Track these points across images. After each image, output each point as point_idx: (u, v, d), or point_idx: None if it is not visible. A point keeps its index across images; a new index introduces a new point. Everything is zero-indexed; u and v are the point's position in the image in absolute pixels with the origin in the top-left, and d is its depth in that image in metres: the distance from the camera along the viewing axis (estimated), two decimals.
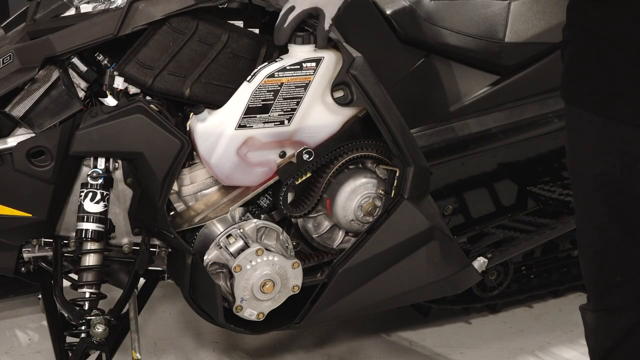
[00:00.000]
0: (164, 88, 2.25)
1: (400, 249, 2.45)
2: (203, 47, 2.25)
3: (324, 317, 2.48)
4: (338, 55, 2.32)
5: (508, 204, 2.84)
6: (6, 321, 3.00)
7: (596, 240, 1.86)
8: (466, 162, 2.73)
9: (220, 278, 2.37)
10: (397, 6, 2.69)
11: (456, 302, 2.91)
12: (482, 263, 2.61)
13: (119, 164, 2.34)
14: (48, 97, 2.25)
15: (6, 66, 2.23)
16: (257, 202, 2.45)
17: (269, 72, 2.26)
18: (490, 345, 2.89)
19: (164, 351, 2.84)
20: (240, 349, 2.87)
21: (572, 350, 2.85)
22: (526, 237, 2.72)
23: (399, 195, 2.41)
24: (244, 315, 2.39)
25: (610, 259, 1.84)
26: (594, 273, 1.90)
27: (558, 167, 2.88)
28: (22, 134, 2.25)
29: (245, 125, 2.28)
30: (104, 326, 2.24)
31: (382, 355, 2.83)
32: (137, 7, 2.20)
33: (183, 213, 2.40)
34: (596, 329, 1.95)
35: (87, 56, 2.28)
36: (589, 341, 2.00)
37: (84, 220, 2.30)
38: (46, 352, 2.80)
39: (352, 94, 2.33)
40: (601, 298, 1.90)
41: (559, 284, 3.08)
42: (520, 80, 2.78)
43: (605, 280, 1.87)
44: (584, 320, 1.98)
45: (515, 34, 2.74)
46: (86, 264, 2.32)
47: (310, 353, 2.85)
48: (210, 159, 2.29)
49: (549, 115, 2.81)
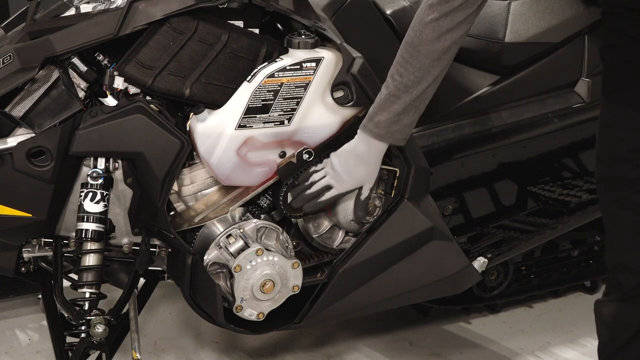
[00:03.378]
0: (164, 88, 2.25)
1: (401, 249, 2.45)
2: (203, 47, 2.25)
3: (324, 317, 2.48)
4: (338, 55, 2.32)
5: (508, 204, 2.84)
6: (6, 321, 3.00)
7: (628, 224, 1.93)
8: (466, 162, 2.73)
9: (220, 278, 2.37)
10: (397, 6, 2.69)
11: (456, 302, 2.91)
12: (482, 263, 2.61)
13: (119, 164, 2.34)
14: (48, 97, 2.25)
15: (6, 66, 2.23)
16: (257, 202, 2.45)
17: (269, 72, 2.26)
18: (490, 345, 2.89)
19: (164, 351, 2.84)
20: (240, 349, 2.87)
21: (572, 350, 2.85)
22: (526, 237, 2.72)
23: (399, 196, 2.41)
24: (244, 315, 2.39)
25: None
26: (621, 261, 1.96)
27: (558, 167, 2.88)
28: (22, 134, 2.25)
29: (245, 125, 2.28)
30: (104, 326, 2.24)
31: (382, 355, 2.83)
32: (137, 7, 2.20)
33: (183, 213, 2.40)
34: (613, 321, 2.00)
35: (87, 56, 2.27)
36: (602, 336, 2.04)
37: (84, 220, 2.30)
38: (46, 352, 2.80)
39: (352, 94, 2.33)
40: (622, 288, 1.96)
41: (559, 284, 3.08)
42: (520, 80, 2.78)
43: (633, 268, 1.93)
44: (600, 314, 2.03)
45: (515, 34, 2.74)
46: (86, 264, 2.32)
47: (310, 353, 2.85)
48: (210, 159, 2.29)
49: (549, 115, 2.81)
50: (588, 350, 2.82)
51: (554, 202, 2.81)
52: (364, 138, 2.20)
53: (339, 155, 2.26)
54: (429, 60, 2.06)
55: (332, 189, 2.27)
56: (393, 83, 2.12)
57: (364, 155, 2.22)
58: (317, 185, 2.28)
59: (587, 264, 3.09)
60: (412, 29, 2.07)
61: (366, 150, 2.21)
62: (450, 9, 2.00)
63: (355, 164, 2.23)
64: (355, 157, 2.23)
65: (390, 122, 2.15)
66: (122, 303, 2.37)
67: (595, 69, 2.82)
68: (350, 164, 2.24)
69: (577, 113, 2.82)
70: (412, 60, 2.07)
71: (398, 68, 2.10)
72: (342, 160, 2.25)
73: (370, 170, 2.25)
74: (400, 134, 2.17)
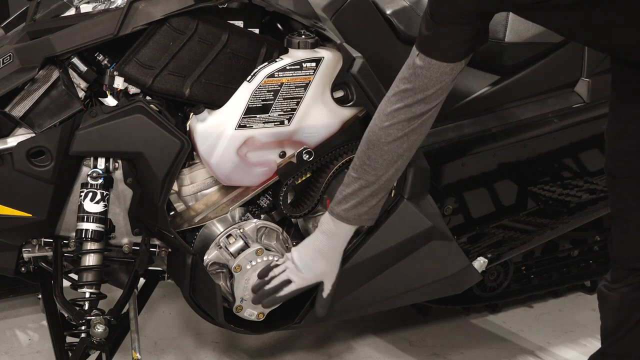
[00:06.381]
0: (164, 88, 2.25)
1: (400, 249, 2.45)
2: (203, 47, 2.25)
3: (324, 317, 2.48)
4: (338, 55, 2.32)
5: (508, 204, 2.84)
6: (6, 321, 3.00)
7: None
8: (466, 162, 2.72)
9: (220, 278, 2.37)
10: (397, 6, 2.69)
11: (456, 302, 2.91)
12: (482, 263, 2.61)
13: (119, 164, 2.34)
14: (48, 97, 2.26)
15: (6, 66, 2.23)
16: (257, 202, 2.45)
17: (269, 72, 2.26)
18: (490, 345, 2.89)
19: (164, 351, 2.84)
20: (240, 349, 2.86)
21: (572, 350, 2.85)
22: (526, 237, 2.72)
23: (399, 195, 2.41)
24: (244, 315, 2.39)
25: None
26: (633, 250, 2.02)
27: (558, 167, 2.88)
28: (22, 134, 2.25)
29: (245, 125, 2.28)
30: (104, 326, 2.24)
31: (382, 355, 2.83)
32: (137, 7, 2.20)
33: (183, 213, 2.40)
34: (622, 305, 2.05)
35: (87, 56, 2.28)
36: (608, 321, 2.08)
37: (84, 220, 2.30)
38: (46, 352, 2.80)
39: (352, 94, 2.33)
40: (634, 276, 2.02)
41: (559, 284, 3.07)
42: (520, 80, 2.78)
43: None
44: (607, 300, 2.08)
45: (515, 34, 2.74)
46: (86, 264, 2.32)
47: (310, 353, 2.85)
48: (210, 159, 2.29)
49: (549, 115, 2.81)
50: (588, 350, 2.81)
51: (554, 202, 2.81)
52: (331, 221, 2.16)
53: (298, 249, 2.22)
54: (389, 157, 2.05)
55: (292, 284, 2.21)
56: (356, 175, 2.09)
57: (324, 249, 2.18)
58: (276, 280, 2.22)
59: (587, 264, 3.09)
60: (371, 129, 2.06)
61: (327, 243, 2.17)
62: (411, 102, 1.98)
63: (314, 257, 2.19)
64: (314, 251, 2.19)
65: (357, 205, 2.12)
66: (122, 303, 2.37)
67: (596, 69, 2.82)
68: (309, 257, 2.19)
69: (577, 113, 2.82)
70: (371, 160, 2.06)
71: (361, 164, 2.08)
72: (302, 254, 2.20)
73: (330, 265, 2.20)
74: (367, 214, 2.15)
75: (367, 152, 2.07)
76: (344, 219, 2.13)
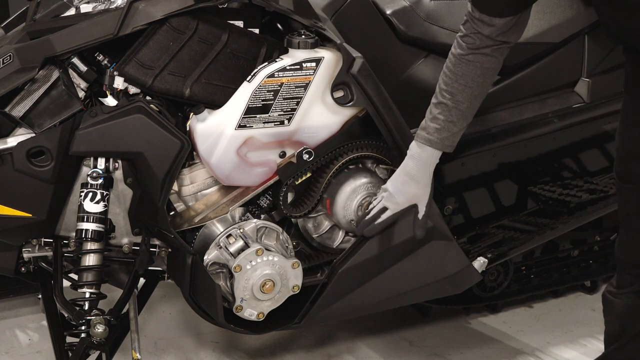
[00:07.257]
0: (164, 88, 2.25)
1: (401, 249, 2.45)
2: (203, 47, 2.25)
3: (324, 317, 2.48)
4: (338, 55, 2.32)
5: (508, 204, 2.84)
6: (6, 321, 3.00)
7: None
8: (466, 162, 2.72)
9: (220, 278, 2.37)
10: (397, 6, 2.69)
11: (456, 302, 2.91)
12: (482, 263, 2.61)
13: (119, 164, 2.34)
14: (48, 97, 2.25)
15: (6, 66, 2.23)
16: (257, 202, 2.45)
17: (269, 72, 2.26)
18: (490, 345, 2.89)
19: (164, 351, 2.84)
20: (240, 349, 2.87)
21: (572, 350, 2.85)
22: (526, 237, 2.72)
23: None
24: (244, 315, 2.39)
25: None
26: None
27: (558, 167, 2.88)
28: (22, 134, 2.25)
29: (245, 125, 2.28)
30: (104, 326, 2.24)
31: (382, 355, 2.83)
32: (137, 7, 2.20)
33: (183, 213, 2.40)
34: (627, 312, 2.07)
35: (87, 56, 2.28)
36: (612, 327, 2.08)
37: (84, 220, 2.30)
38: (46, 352, 2.80)
39: (352, 94, 2.33)
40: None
41: (559, 284, 3.08)
42: (520, 80, 2.78)
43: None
44: (612, 306, 2.09)
45: None
46: (86, 264, 2.32)
47: (310, 353, 2.85)
48: (210, 159, 2.29)
49: (549, 115, 2.80)
50: (588, 350, 2.82)
51: (554, 202, 2.80)
52: (417, 146, 2.23)
53: (391, 178, 2.30)
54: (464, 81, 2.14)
55: (387, 210, 2.30)
56: (437, 100, 2.18)
57: (413, 173, 2.25)
58: (374, 210, 2.31)
59: (587, 264, 3.09)
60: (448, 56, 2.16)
61: (415, 167, 2.24)
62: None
63: (404, 182, 2.26)
64: (404, 175, 2.26)
65: (440, 130, 2.20)
66: (122, 303, 2.37)
67: (596, 69, 2.82)
68: (400, 182, 2.27)
69: (577, 113, 2.82)
70: (448, 85, 2.15)
71: (440, 90, 2.18)
72: (394, 181, 2.28)
73: (421, 187, 2.27)
74: (449, 140, 2.22)
75: (443, 77, 2.17)
76: (427, 141, 2.21)
